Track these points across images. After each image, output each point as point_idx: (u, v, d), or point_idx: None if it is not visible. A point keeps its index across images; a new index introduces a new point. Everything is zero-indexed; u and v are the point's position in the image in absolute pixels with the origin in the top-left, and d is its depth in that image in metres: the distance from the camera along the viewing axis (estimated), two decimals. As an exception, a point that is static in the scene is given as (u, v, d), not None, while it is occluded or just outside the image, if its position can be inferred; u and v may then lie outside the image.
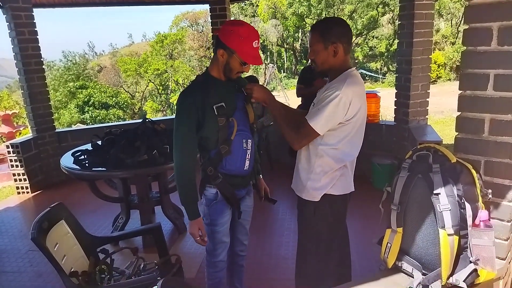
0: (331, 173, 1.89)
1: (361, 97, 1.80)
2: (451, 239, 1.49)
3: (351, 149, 1.89)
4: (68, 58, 25.06)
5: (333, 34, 1.76)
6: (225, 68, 1.91)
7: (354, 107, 1.76)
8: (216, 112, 1.89)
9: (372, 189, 4.31)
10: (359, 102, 1.77)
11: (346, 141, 1.84)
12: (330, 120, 1.75)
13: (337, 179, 1.91)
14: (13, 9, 4.75)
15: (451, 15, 24.68)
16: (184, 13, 28.16)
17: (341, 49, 1.77)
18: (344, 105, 1.73)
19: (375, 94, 4.75)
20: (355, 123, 1.82)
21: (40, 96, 5.09)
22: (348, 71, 1.81)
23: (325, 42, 1.77)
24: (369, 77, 26.02)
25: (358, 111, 1.79)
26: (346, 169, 1.93)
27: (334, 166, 1.87)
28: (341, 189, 1.96)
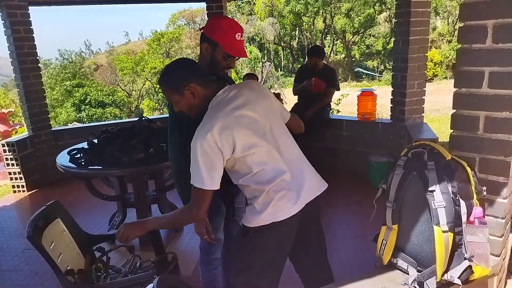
0: (263, 202, 1.64)
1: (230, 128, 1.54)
2: (446, 236, 1.50)
3: (266, 170, 1.63)
4: (64, 57, 24.98)
5: (180, 79, 1.62)
6: (211, 64, 1.89)
7: (226, 141, 1.53)
8: None
9: (368, 187, 4.32)
10: (226, 135, 1.53)
11: (255, 166, 1.61)
12: (212, 168, 1.54)
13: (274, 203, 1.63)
14: (8, 7, 4.72)
15: (447, 13, 24.74)
16: (181, 11, 28.10)
17: (197, 87, 1.62)
18: (210, 148, 1.52)
19: (372, 92, 4.76)
20: (246, 150, 1.58)
21: (36, 95, 5.07)
22: (210, 103, 1.64)
23: (178, 90, 1.62)
24: (366, 75, 26.04)
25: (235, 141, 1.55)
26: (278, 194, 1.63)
27: (258, 192, 1.64)
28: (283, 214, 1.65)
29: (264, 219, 1.63)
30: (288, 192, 1.64)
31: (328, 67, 5.09)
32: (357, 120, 4.82)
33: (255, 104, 1.66)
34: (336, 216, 3.89)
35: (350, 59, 27.61)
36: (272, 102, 1.77)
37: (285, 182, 1.64)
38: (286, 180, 1.65)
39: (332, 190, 4.58)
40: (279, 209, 1.63)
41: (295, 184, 1.67)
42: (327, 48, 26.54)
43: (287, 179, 1.65)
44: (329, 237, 3.36)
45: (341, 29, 25.88)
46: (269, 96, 1.78)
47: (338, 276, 2.73)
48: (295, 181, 1.67)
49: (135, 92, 23.74)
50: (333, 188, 4.59)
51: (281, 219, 1.63)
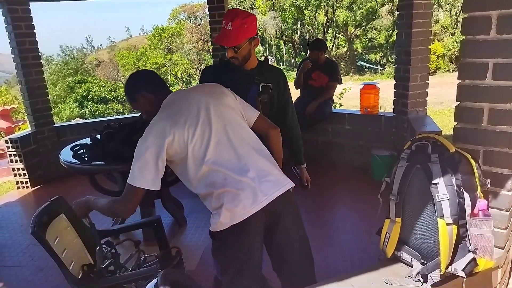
0: (215, 202, 1.63)
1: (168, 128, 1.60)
2: (450, 229, 1.50)
3: (213, 168, 1.62)
4: (66, 53, 24.97)
5: (132, 90, 1.81)
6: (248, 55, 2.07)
7: (159, 143, 1.59)
8: None
9: (371, 181, 4.32)
10: (161, 137, 1.59)
11: (195, 168, 1.64)
12: (145, 167, 1.60)
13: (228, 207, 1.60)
14: (9, 3, 4.71)
15: (450, 6, 24.54)
16: (182, 6, 27.98)
17: (147, 95, 1.77)
18: (146, 149, 1.59)
19: (374, 85, 4.74)
20: (184, 148, 1.61)
21: (38, 91, 5.07)
22: (162, 105, 1.75)
23: (134, 100, 1.81)
24: (368, 68, 25.93)
25: (172, 141, 1.59)
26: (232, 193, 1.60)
27: (209, 193, 1.64)
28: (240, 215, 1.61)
29: (223, 224, 1.61)
30: (240, 192, 1.59)
31: (330, 61, 5.07)
32: (359, 114, 4.80)
33: (198, 105, 1.69)
34: (339, 209, 3.90)
35: (352, 52, 27.47)
36: (227, 103, 1.77)
37: (235, 182, 1.60)
38: (237, 180, 1.60)
39: (335, 184, 4.62)
40: (233, 211, 1.59)
41: (249, 183, 1.61)
42: (329, 42, 26.41)
43: (238, 179, 1.60)
44: (332, 230, 3.39)
45: (343, 22, 25.73)
46: (225, 97, 1.79)
47: (341, 270, 2.76)
48: (250, 180, 1.61)
49: (137, 88, 23.74)
50: (336, 182, 4.63)
51: (238, 221, 1.59)
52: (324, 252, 2.96)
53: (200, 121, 1.65)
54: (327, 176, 4.59)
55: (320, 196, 3.99)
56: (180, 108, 1.68)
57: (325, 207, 3.86)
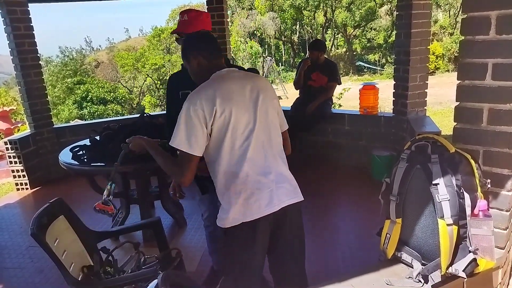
0: (232, 195, 1.63)
1: (218, 98, 1.57)
2: (450, 229, 1.50)
3: (240, 158, 1.61)
4: (65, 54, 24.95)
5: (188, 48, 1.79)
6: None
7: (208, 110, 1.55)
8: (181, 97, 2.10)
9: (371, 181, 4.32)
10: (211, 104, 1.56)
11: (227, 150, 1.60)
12: (192, 133, 1.56)
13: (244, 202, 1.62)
14: (8, 4, 4.71)
15: (449, 6, 24.56)
16: (181, 7, 27.95)
17: (200, 58, 1.74)
18: (194, 112, 1.55)
19: (374, 86, 4.74)
20: (226, 128, 1.58)
21: (37, 92, 5.06)
22: (213, 75, 1.72)
23: (186, 57, 1.79)
24: (367, 69, 25.94)
25: (216, 113, 1.56)
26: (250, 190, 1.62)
27: (229, 184, 1.63)
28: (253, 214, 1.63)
29: (234, 219, 1.62)
30: (258, 192, 1.61)
31: (329, 61, 5.07)
32: (359, 114, 4.80)
33: (250, 91, 1.67)
34: (339, 210, 3.90)
35: (352, 53, 27.48)
36: (274, 105, 1.76)
37: (255, 181, 1.62)
38: (258, 179, 1.62)
39: (335, 184, 4.60)
40: (248, 208, 1.61)
41: (268, 186, 1.63)
42: (328, 42, 26.41)
43: (258, 178, 1.62)
44: (332, 231, 3.39)
45: (342, 22, 25.74)
46: (274, 99, 1.78)
47: (341, 270, 2.75)
48: (269, 182, 1.64)
49: (136, 89, 23.74)
50: (335, 182, 4.62)
51: (250, 219, 1.60)
52: (324, 253, 2.96)
53: (248, 110, 1.64)
54: (327, 176, 4.59)
55: (320, 196, 3.98)
56: (232, 88, 1.64)
57: (325, 207, 3.86)
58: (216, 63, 1.76)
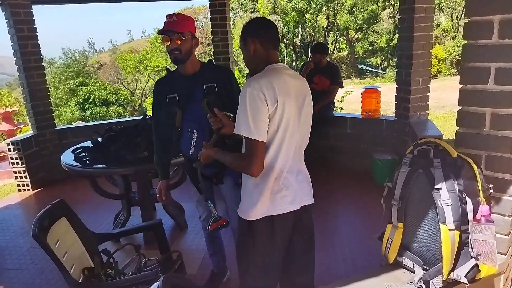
0: (263, 187, 1.65)
1: (277, 89, 1.57)
2: (452, 234, 1.49)
3: (282, 154, 1.63)
4: (68, 55, 25.02)
5: (247, 31, 1.73)
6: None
7: (270, 97, 1.54)
8: (168, 101, 2.20)
9: (373, 185, 4.31)
10: (273, 92, 1.55)
11: (276, 144, 1.62)
12: (258, 118, 1.54)
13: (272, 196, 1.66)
14: (12, 6, 4.73)
15: (451, 9, 24.54)
16: (184, 9, 28.01)
17: (258, 44, 1.69)
18: (258, 97, 1.53)
19: (376, 89, 4.74)
20: (280, 121, 1.59)
21: (40, 94, 5.08)
22: (268, 66, 1.69)
23: (242, 39, 1.74)
24: (369, 72, 25.93)
25: (278, 104, 1.56)
26: (279, 186, 1.66)
27: (264, 175, 1.63)
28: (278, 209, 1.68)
29: (260, 212, 1.65)
30: (286, 189, 1.67)
31: (331, 64, 5.08)
32: (361, 118, 4.80)
33: (299, 93, 1.69)
34: (341, 214, 3.89)
35: (354, 56, 27.48)
36: (311, 110, 1.78)
37: (284, 177, 1.66)
38: (286, 176, 1.67)
39: (337, 188, 4.60)
40: (273, 203, 1.65)
41: (295, 184, 1.70)
42: (330, 45, 26.43)
43: (287, 176, 1.67)
44: (334, 235, 3.38)
45: (344, 26, 25.73)
46: (311, 104, 1.79)
47: (343, 275, 2.75)
48: (296, 182, 1.70)
49: (138, 91, 23.76)
50: (337, 186, 4.61)
51: (273, 214, 1.65)
52: (325, 256, 2.95)
53: (296, 109, 1.65)
54: (329, 179, 4.58)
55: (321, 199, 3.96)
56: (288, 83, 1.64)
57: (326, 210, 3.85)
58: (272, 54, 1.73)
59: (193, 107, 2.17)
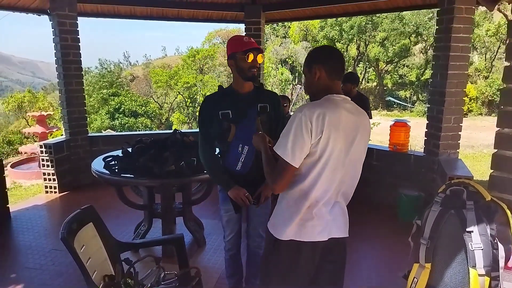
0: (295, 211, 1.68)
1: (327, 122, 1.58)
2: (482, 280, 1.45)
3: (319, 185, 1.65)
4: (104, 66, 25.95)
5: (315, 58, 1.74)
6: (239, 72, 2.24)
7: (317, 128, 1.57)
8: (221, 117, 2.24)
9: (396, 220, 4.22)
10: (321, 124, 1.57)
11: (314, 174, 1.64)
12: (298, 143, 1.58)
13: (301, 223, 1.68)
14: (59, 17, 5.00)
15: (485, 49, 24.25)
16: (217, 30, 28.81)
17: (323, 72, 1.69)
18: (305, 125, 1.57)
19: (405, 123, 4.69)
20: (322, 152, 1.61)
21: (76, 101, 5.28)
22: (327, 96, 1.69)
23: (308, 65, 1.75)
24: (397, 105, 25.69)
25: (322, 136, 1.58)
26: (311, 214, 1.68)
27: (298, 201, 1.67)
28: (305, 236, 1.69)
29: (288, 233, 1.68)
30: (317, 219, 1.68)
31: (361, 95, 5.07)
32: (388, 150, 4.75)
33: (353, 129, 1.68)
34: (362, 247, 3.80)
35: (382, 87, 27.36)
36: (364, 148, 1.77)
37: (322, 208, 1.68)
38: (323, 208, 1.68)
39: (359, 219, 4.51)
40: (305, 230, 1.68)
41: (328, 216, 1.71)
42: (359, 75, 26.44)
43: (324, 207, 1.69)
44: (354, 269, 3.31)
45: (375, 57, 25.76)
46: (366, 141, 1.78)
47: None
48: (329, 213, 1.71)
49: (166, 105, 24.30)
50: (359, 217, 4.53)
51: (302, 240, 1.68)
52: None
53: (344, 145, 1.66)
54: (351, 211, 4.49)
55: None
56: (341, 118, 1.64)
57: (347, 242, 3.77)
58: (335, 84, 1.73)
59: (247, 124, 2.23)
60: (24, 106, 17.49)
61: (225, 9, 5.98)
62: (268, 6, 5.74)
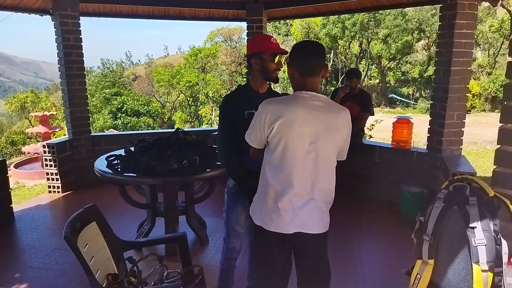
0: (263, 199, 1.79)
1: (280, 118, 1.68)
2: (485, 276, 1.44)
3: (281, 178, 1.73)
4: (106, 66, 26.06)
5: (289, 56, 1.82)
6: (263, 72, 2.22)
7: (269, 121, 1.70)
8: (246, 117, 2.19)
9: (398, 217, 4.21)
10: (272, 118, 1.69)
11: (274, 165, 1.76)
12: (253, 131, 1.80)
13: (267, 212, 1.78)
14: (61, 17, 5.00)
15: (488, 45, 24.14)
16: (219, 29, 28.81)
17: (295, 70, 1.77)
18: (260, 117, 1.74)
19: (408, 119, 4.68)
20: (276, 147, 1.72)
21: (79, 101, 5.29)
22: (296, 92, 1.77)
23: (288, 66, 1.83)
24: (400, 102, 25.64)
25: (273, 130, 1.69)
26: (276, 207, 1.74)
27: (264, 189, 1.80)
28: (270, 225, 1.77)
29: (257, 219, 1.82)
30: (286, 212, 1.74)
31: (363, 91, 5.07)
32: (390, 147, 4.74)
33: (315, 126, 1.71)
34: (365, 244, 3.80)
35: (385, 84, 27.30)
36: (337, 137, 1.79)
37: (289, 203, 1.73)
38: (290, 202, 1.73)
39: (361, 216, 4.51)
40: (270, 220, 1.76)
41: (298, 210, 1.74)
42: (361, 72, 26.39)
43: (291, 202, 1.73)
44: (356, 265, 3.30)
45: (377, 54, 25.70)
46: (336, 138, 1.79)
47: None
48: (300, 208, 1.74)
49: (169, 104, 24.37)
50: (362, 215, 4.53)
51: (268, 229, 1.77)
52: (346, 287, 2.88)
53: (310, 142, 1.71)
54: (354, 207, 4.51)
55: (345, 227, 3.91)
56: (301, 116, 1.70)
57: (350, 239, 3.77)
58: (309, 80, 1.76)
59: None
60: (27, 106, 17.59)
61: (226, 7, 5.97)
62: (269, 4, 5.73)
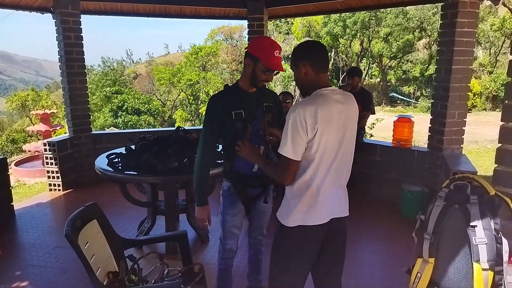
0: (300, 200, 1.79)
1: (319, 117, 1.68)
2: (486, 274, 1.44)
3: (319, 175, 1.77)
4: (107, 64, 26.04)
5: (299, 55, 1.81)
6: (252, 77, 2.17)
7: (311, 125, 1.67)
8: (234, 117, 2.17)
9: (399, 215, 4.21)
10: (314, 121, 1.67)
11: (314, 166, 1.75)
12: (296, 141, 1.71)
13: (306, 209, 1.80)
14: (62, 15, 5.00)
15: (490, 44, 24.09)
16: (220, 27, 28.78)
17: (308, 68, 1.77)
18: (300, 123, 1.68)
19: (409, 118, 4.68)
20: (318, 146, 1.71)
21: (79, 99, 5.29)
22: (316, 91, 1.77)
23: (294, 62, 1.83)
24: (401, 100, 25.60)
25: (317, 132, 1.68)
26: (314, 202, 1.79)
27: (302, 191, 1.79)
28: (310, 220, 1.81)
29: (294, 220, 1.79)
30: (321, 205, 1.79)
31: (364, 90, 5.06)
32: (391, 146, 4.73)
33: (343, 118, 1.77)
34: (366, 242, 3.80)
35: (386, 83, 27.25)
36: (355, 123, 1.87)
37: (324, 195, 1.78)
38: (325, 194, 1.78)
39: (362, 215, 4.52)
40: (310, 215, 1.78)
41: (330, 201, 1.82)
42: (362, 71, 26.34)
43: (326, 194, 1.78)
44: (358, 264, 3.30)
45: (378, 53, 25.65)
46: (355, 123, 1.87)
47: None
48: (331, 198, 1.82)
49: (169, 102, 24.35)
50: (362, 213, 4.53)
51: (309, 224, 1.78)
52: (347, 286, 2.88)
53: (338, 135, 1.76)
54: (354, 206, 4.47)
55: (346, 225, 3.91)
56: (332, 112, 1.72)
57: (350, 237, 3.76)
58: (322, 77, 1.79)
59: (256, 124, 2.19)
60: (27, 104, 17.61)
61: (227, 6, 5.97)
62: (271, 2, 5.72)
